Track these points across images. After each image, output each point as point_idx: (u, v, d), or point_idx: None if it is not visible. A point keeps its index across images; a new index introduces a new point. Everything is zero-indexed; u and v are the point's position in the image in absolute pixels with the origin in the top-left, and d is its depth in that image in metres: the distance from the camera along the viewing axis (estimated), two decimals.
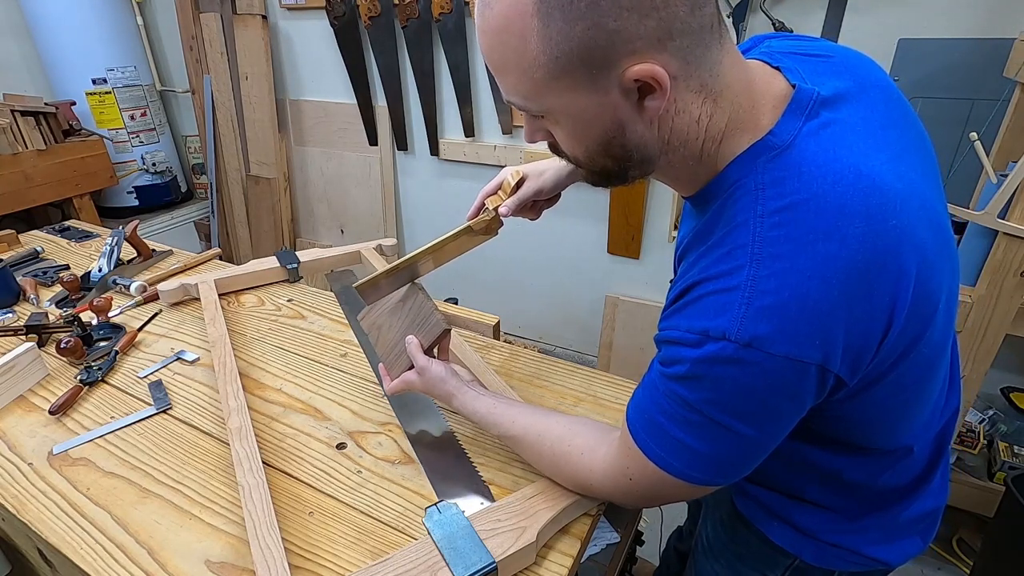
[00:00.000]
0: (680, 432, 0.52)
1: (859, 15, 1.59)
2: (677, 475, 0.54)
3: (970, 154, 1.32)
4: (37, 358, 1.00)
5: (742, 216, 0.49)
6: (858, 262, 0.45)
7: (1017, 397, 1.64)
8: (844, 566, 0.69)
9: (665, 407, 0.53)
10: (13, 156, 2.22)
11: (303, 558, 0.66)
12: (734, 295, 0.47)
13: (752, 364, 0.46)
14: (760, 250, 0.46)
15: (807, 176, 0.47)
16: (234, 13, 2.53)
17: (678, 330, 0.51)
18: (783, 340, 0.45)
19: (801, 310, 0.45)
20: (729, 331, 0.46)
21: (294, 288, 1.31)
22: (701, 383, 0.49)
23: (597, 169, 0.56)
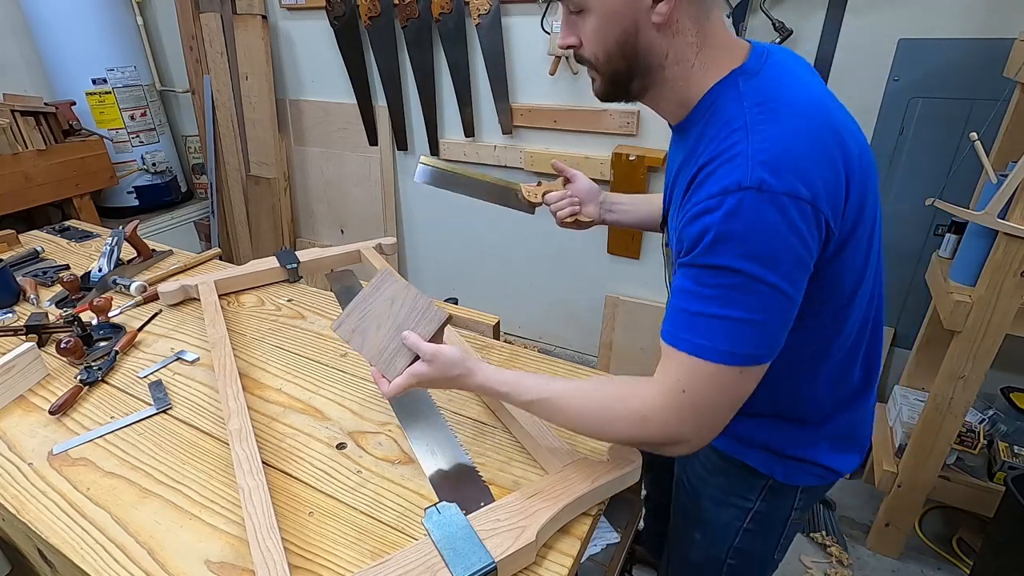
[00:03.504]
0: (718, 307, 0.59)
1: (859, 15, 1.59)
2: (725, 359, 0.60)
3: (970, 154, 1.32)
4: (37, 358, 1.00)
5: (731, 112, 0.63)
6: (820, 132, 0.61)
7: (1017, 397, 1.64)
8: (805, 480, 0.82)
9: (701, 292, 0.61)
10: (13, 156, 2.22)
11: (303, 558, 0.66)
12: (738, 159, 0.59)
13: (765, 205, 0.57)
14: (751, 128, 0.60)
15: (775, 90, 0.63)
16: (234, 13, 2.53)
17: (699, 203, 0.60)
18: (783, 181, 0.57)
19: (790, 160, 0.58)
20: (742, 181, 0.57)
21: (294, 288, 1.31)
22: (729, 240, 0.58)
23: (611, 72, 0.69)
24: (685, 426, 0.63)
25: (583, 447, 0.80)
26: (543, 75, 2.01)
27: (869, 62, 1.63)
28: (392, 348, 0.77)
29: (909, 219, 1.74)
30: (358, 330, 0.80)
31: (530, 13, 1.99)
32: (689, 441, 0.65)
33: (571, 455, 0.75)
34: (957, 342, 1.40)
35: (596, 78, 0.72)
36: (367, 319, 0.80)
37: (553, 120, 2.10)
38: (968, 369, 1.41)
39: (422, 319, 0.77)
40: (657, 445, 0.66)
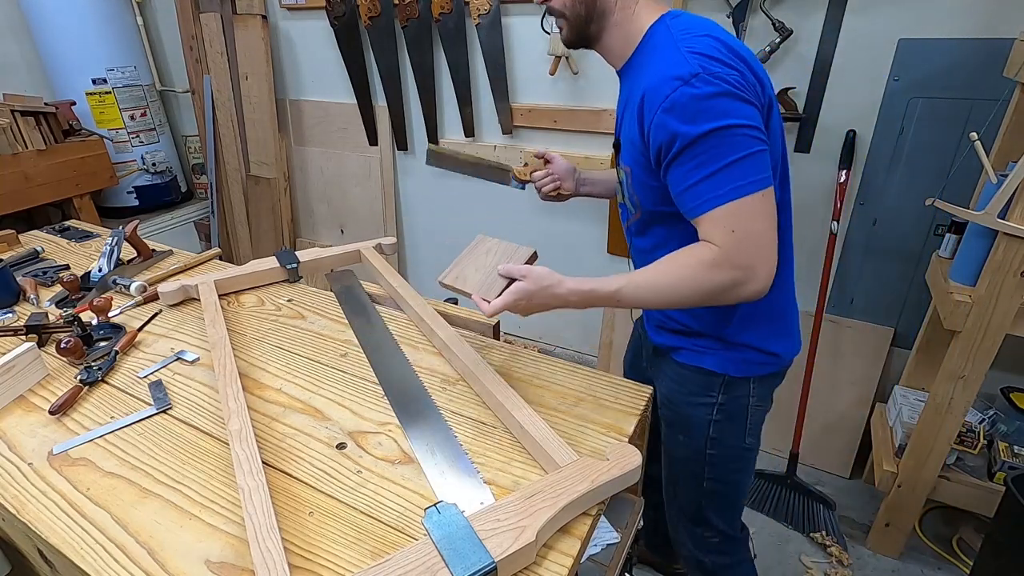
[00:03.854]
0: (718, 162, 0.74)
1: (859, 15, 1.59)
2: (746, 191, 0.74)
3: (970, 154, 1.32)
4: (37, 358, 1.00)
5: (663, 41, 0.81)
6: (733, 47, 0.79)
7: (1017, 397, 1.64)
8: (754, 371, 0.99)
9: (700, 161, 0.75)
10: (13, 156, 2.22)
11: (303, 558, 0.66)
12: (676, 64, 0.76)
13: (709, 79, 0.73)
14: (679, 44, 0.78)
15: (695, 25, 0.82)
16: (234, 13, 2.53)
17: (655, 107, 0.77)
18: (716, 62, 0.75)
19: (715, 53, 0.76)
20: (683, 74, 0.75)
21: (294, 288, 1.31)
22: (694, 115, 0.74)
23: (575, 17, 0.88)
24: (747, 256, 0.76)
25: (583, 447, 0.80)
26: (543, 75, 2.01)
27: (869, 62, 1.63)
28: (490, 280, 0.89)
29: (909, 219, 1.74)
30: (460, 276, 0.93)
31: (530, 13, 1.99)
32: (755, 269, 0.77)
33: (571, 455, 0.75)
34: (957, 342, 1.40)
35: (564, 27, 0.91)
36: (467, 268, 0.93)
37: (553, 120, 2.10)
38: (968, 369, 1.41)
39: (513, 257, 0.92)
40: (732, 286, 0.77)
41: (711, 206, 0.76)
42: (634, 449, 0.76)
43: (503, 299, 0.84)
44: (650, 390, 0.93)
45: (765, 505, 1.90)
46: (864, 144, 1.72)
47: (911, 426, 1.59)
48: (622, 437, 0.83)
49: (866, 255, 1.85)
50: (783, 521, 1.86)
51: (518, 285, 0.84)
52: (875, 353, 1.93)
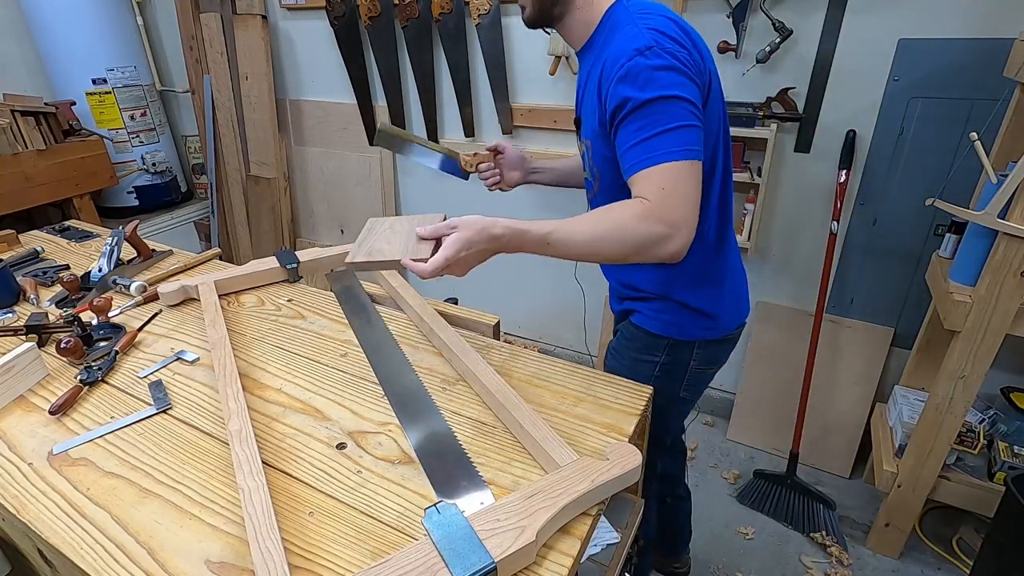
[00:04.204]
0: (660, 127, 0.80)
1: (859, 15, 1.59)
2: (681, 156, 0.80)
3: (970, 154, 1.32)
4: (37, 358, 1.00)
5: (622, 20, 0.87)
6: (685, 29, 0.87)
7: (1017, 397, 1.64)
8: (700, 335, 1.08)
9: (644, 124, 0.81)
10: (13, 156, 2.22)
11: (303, 558, 0.66)
12: (633, 37, 0.83)
13: (661, 53, 0.81)
14: (637, 22, 0.85)
15: (649, 6, 0.88)
16: (234, 13, 2.53)
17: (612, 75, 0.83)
18: (668, 39, 0.82)
19: (669, 32, 0.83)
20: (639, 46, 0.81)
21: (294, 288, 1.30)
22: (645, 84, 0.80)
23: (539, 2, 0.93)
24: (674, 213, 0.80)
25: (583, 447, 0.80)
26: (543, 75, 2.02)
27: (869, 62, 1.63)
28: (413, 243, 0.84)
29: (909, 219, 1.74)
30: (374, 250, 0.86)
31: None
32: (679, 227, 0.81)
33: (571, 455, 0.75)
34: (957, 342, 1.40)
35: (526, 5, 0.95)
36: (376, 242, 0.88)
37: (553, 120, 2.10)
38: (968, 369, 1.41)
39: (426, 221, 0.87)
40: (656, 240, 0.81)
41: (648, 164, 0.81)
42: (634, 449, 0.76)
43: (442, 252, 0.79)
44: (650, 390, 0.93)
45: (765, 505, 1.90)
46: (864, 144, 1.72)
47: (911, 426, 1.59)
48: (622, 437, 0.83)
49: (866, 255, 1.85)
50: (783, 521, 1.86)
51: (454, 235, 0.80)
52: (875, 353, 1.93)
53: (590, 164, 1.01)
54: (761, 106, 1.76)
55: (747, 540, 1.80)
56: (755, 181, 1.80)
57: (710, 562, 1.73)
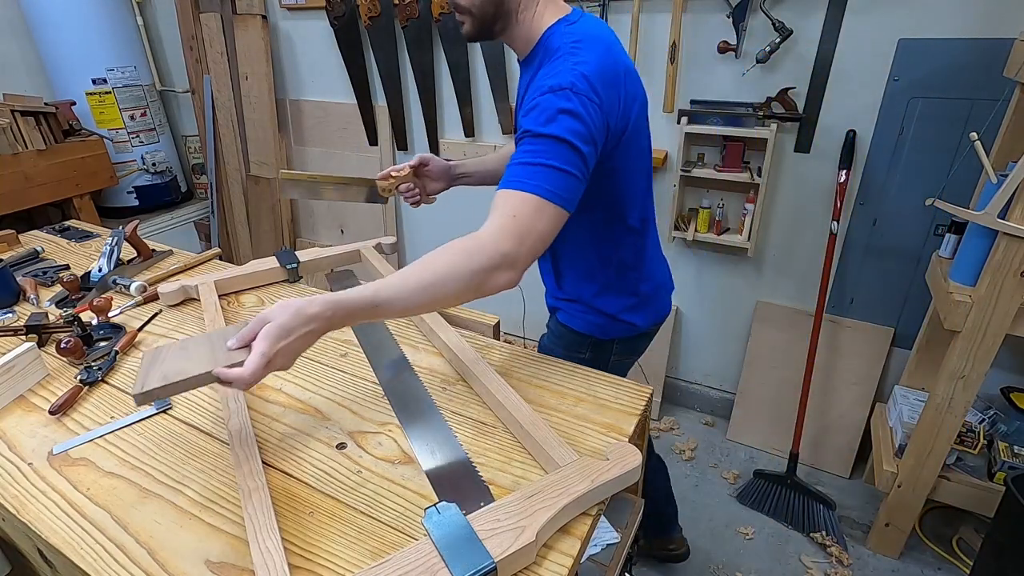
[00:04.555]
0: (543, 159, 0.80)
1: (859, 15, 1.59)
2: (547, 196, 0.80)
3: (970, 154, 1.32)
4: (37, 358, 1.00)
5: (558, 45, 0.89)
6: (611, 64, 0.88)
7: (1017, 397, 1.64)
8: (617, 334, 1.16)
9: (532, 151, 0.81)
10: (13, 156, 2.22)
11: (303, 558, 0.66)
12: (559, 73, 0.84)
13: (573, 97, 0.82)
14: (566, 56, 0.86)
15: (587, 32, 0.90)
16: (234, 13, 2.53)
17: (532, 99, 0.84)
18: (584, 86, 0.83)
19: (590, 76, 0.84)
20: (555, 85, 0.83)
21: (294, 288, 1.30)
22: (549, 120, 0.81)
23: (481, 16, 0.93)
24: (512, 244, 0.78)
25: (583, 447, 0.80)
26: None
27: (869, 62, 1.63)
28: (222, 353, 0.71)
29: (909, 219, 1.74)
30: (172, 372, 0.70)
31: None
32: (516, 260, 0.79)
33: (571, 455, 0.75)
34: (957, 342, 1.40)
35: (466, 21, 0.95)
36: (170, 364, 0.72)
37: None
38: (968, 369, 1.41)
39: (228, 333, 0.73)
40: (490, 271, 0.77)
41: (515, 186, 0.80)
42: (634, 449, 0.76)
43: (258, 347, 0.68)
44: (650, 390, 0.93)
45: (765, 505, 1.90)
46: (864, 144, 1.72)
47: (911, 426, 1.59)
48: (622, 437, 0.83)
49: (866, 255, 1.85)
50: (783, 521, 1.86)
51: (268, 327, 0.69)
52: (875, 353, 1.93)
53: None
54: (761, 106, 1.76)
55: (747, 540, 1.80)
56: (755, 181, 1.80)
57: (710, 562, 1.73)
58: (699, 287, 2.17)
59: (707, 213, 1.96)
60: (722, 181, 1.87)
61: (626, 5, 1.83)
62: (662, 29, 1.81)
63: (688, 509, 1.92)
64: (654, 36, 1.84)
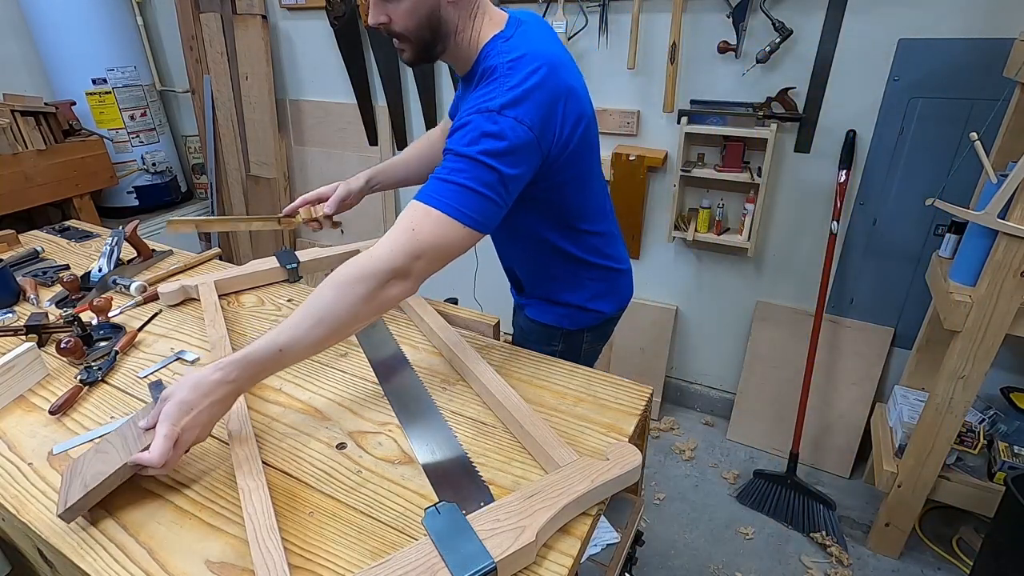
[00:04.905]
0: (461, 179, 0.80)
1: (859, 15, 1.59)
2: (463, 220, 0.80)
3: (970, 154, 1.32)
4: (37, 358, 1.00)
5: (494, 64, 0.86)
6: (549, 81, 0.85)
7: (1017, 397, 1.64)
8: (586, 322, 1.18)
9: (451, 169, 0.81)
10: (13, 156, 2.22)
11: (303, 558, 0.66)
12: (492, 94, 0.83)
13: (501, 121, 0.81)
14: (502, 78, 0.84)
15: (526, 49, 0.87)
16: (234, 13, 2.53)
17: (463, 116, 0.83)
18: (514, 112, 0.82)
19: (522, 102, 0.82)
20: (489, 106, 0.82)
21: (294, 288, 1.31)
22: (475, 140, 0.81)
23: (419, 41, 0.90)
24: (408, 258, 0.79)
25: (583, 447, 0.80)
26: None
27: (869, 62, 1.63)
28: (134, 438, 0.71)
29: (909, 219, 1.74)
30: (88, 479, 0.70)
31: None
32: (409, 274, 0.80)
33: (571, 455, 0.75)
34: (957, 342, 1.40)
35: (406, 48, 0.92)
36: (88, 470, 0.71)
37: None
38: (968, 369, 1.41)
39: (146, 413, 0.73)
40: (381, 287, 0.78)
41: (426, 200, 0.81)
42: (634, 449, 0.76)
43: (160, 432, 0.68)
44: (650, 389, 0.93)
45: (765, 505, 1.90)
46: (864, 144, 1.73)
47: (911, 426, 1.59)
48: (622, 437, 0.83)
49: (866, 255, 1.85)
50: (783, 521, 1.86)
51: (166, 408, 0.70)
52: (875, 353, 1.93)
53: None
54: (761, 106, 1.76)
55: (747, 540, 1.80)
56: (755, 181, 1.80)
57: (710, 562, 1.73)
58: (699, 287, 2.17)
59: (707, 213, 1.96)
60: (722, 181, 1.87)
61: (626, 5, 1.83)
62: (662, 29, 1.81)
63: (688, 509, 1.92)
64: (654, 36, 1.84)
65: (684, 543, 1.80)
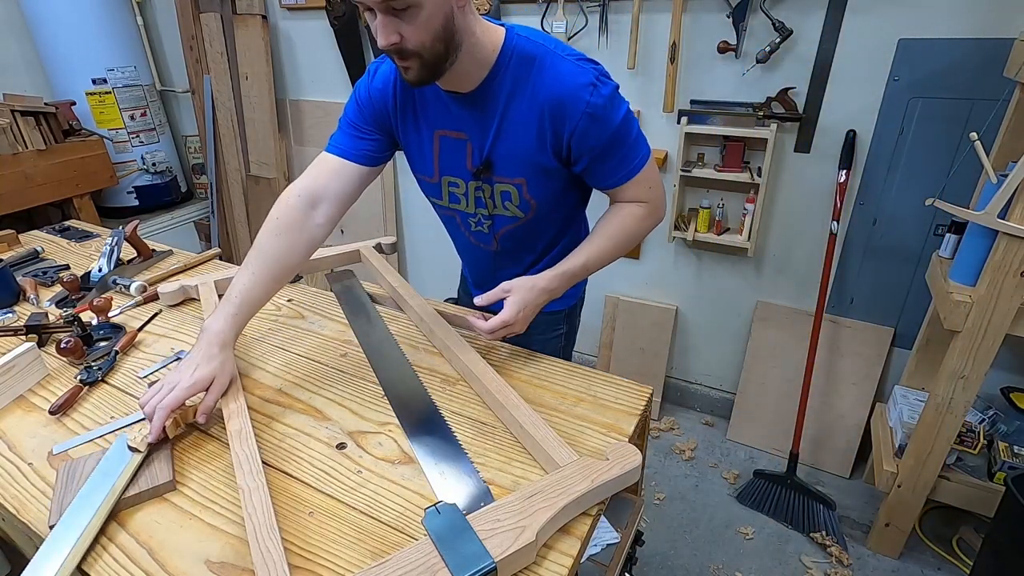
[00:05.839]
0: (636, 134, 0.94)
1: (859, 15, 1.59)
2: (649, 154, 0.96)
3: (970, 154, 1.32)
4: (37, 358, 1.00)
5: (532, 51, 0.87)
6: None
7: (1017, 397, 1.64)
8: (579, 292, 1.26)
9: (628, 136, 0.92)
10: (13, 156, 2.22)
11: (303, 558, 0.66)
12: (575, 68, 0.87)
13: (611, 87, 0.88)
14: (555, 51, 0.88)
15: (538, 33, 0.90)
16: (234, 13, 2.53)
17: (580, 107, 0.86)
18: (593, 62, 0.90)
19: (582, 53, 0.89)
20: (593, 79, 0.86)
21: (294, 288, 1.30)
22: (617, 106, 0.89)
23: (433, 56, 0.80)
24: (661, 201, 1.02)
25: (583, 447, 0.80)
26: None
27: (869, 62, 1.63)
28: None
29: (909, 219, 1.74)
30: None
31: (530, 13, 1.99)
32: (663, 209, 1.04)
33: (571, 455, 0.75)
34: (957, 342, 1.40)
35: (414, 67, 0.81)
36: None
37: None
38: (968, 369, 1.41)
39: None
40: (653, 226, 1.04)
41: (636, 171, 0.95)
42: (634, 449, 0.76)
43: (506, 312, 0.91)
44: (650, 389, 0.93)
45: (765, 505, 1.90)
46: (864, 144, 1.72)
47: (911, 426, 1.59)
48: (622, 437, 0.83)
49: (866, 255, 1.85)
50: (783, 521, 1.86)
51: (511, 299, 0.92)
52: (875, 353, 1.93)
53: (523, 199, 0.98)
54: (761, 106, 1.76)
55: (747, 540, 1.80)
56: (755, 181, 1.80)
57: (710, 562, 1.73)
58: (699, 287, 2.17)
59: (707, 213, 1.96)
60: (722, 181, 1.87)
61: (626, 5, 1.83)
62: (662, 29, 1.81)
63: (688, 509, 1.92)
64: (654, 36, 1.84)
65: (684, 543, 1.80)
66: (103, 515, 0.70)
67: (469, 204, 1.04)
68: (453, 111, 0.94)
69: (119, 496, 0.72)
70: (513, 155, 0.93)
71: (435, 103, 0.95)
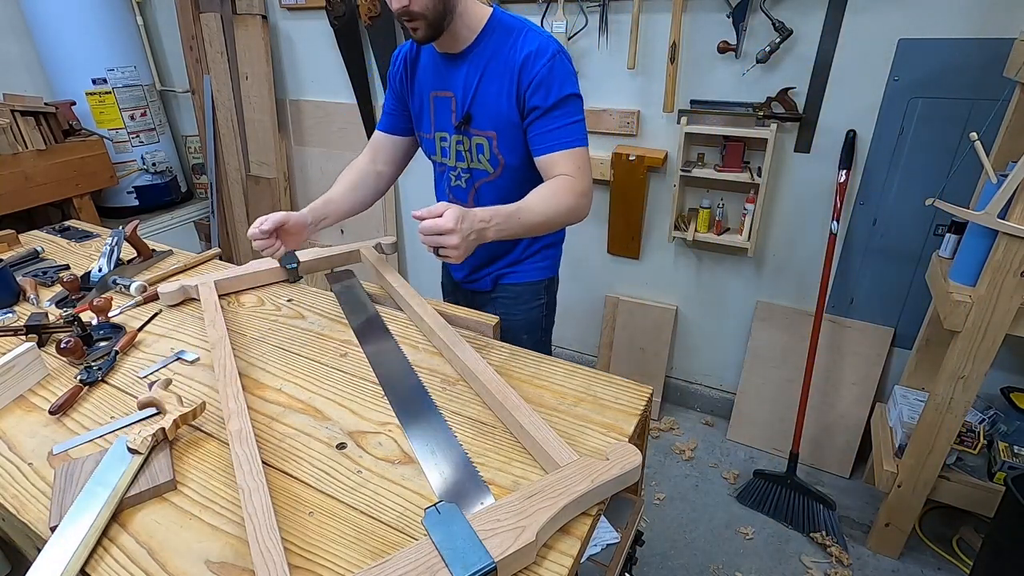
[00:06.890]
0: (578, 117, 1.08)
1: (859, 15, 1.59)
2: (586, 144, 1.09)
3: (970, 154, 1.32)
4: (37, 358, 1.00)
5: (513, 25, 1.08)
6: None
7: (1017, 397, 1.64)
8: (559, 257, 1.37)
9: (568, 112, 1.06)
10: (13, 156, 2.22)
11: (303, 558, 0.66)
12: (540, 39, 1.05)
13: (563, 56, 1.05)
14: (531, 27, 1.07)
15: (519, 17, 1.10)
16: (234, 13, 2.53)
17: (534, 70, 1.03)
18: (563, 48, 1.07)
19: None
20: (550, 47, 1.04)
21: (294, 288, 1.31)
22: (566, 78, 1.05)
23: (435, 16, 1.00)
24: (588, 187, 1.09)
25: (583, 447, 0.80)
26: None
27: (869, 62, 1.63)
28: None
29: (909, 219, 1.74)
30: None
31: (530, 13, 1.99)
32: (590, 197, 1.11)
33: (571, 455, 0.75)
34: (957, 342, 1.40)
35: (421, 27, 1.01)
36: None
37: None
38: (968, 369, 1.41)
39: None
40: (582, 208, 1.09)
41: (571, 146, 1.06)
42: (634, 449, 0.76)
43: (444, 218, 0.90)
44: (650, 389, 0.93)
45: (765, 505, 1.90)
46: (864, 144, 1.72)
47: (911, 426, 1.59)
48: (622, 437, 0.83)
49: (866, 255, 1.85)
50: (783, 521, 1.86)
51: (450, 211, 0.91)
52: (875, 353, 1.93)
53: (492, 153, 1.14)
54: (761, 106, 1.76)
55: (747, 540, 1.81)
56: (755, 181, 1.80)
57: (710, 562, 1.73)
58: (699, 287, 2.17)
59: (707, 213, 1.96)
60: (722, 181, 1.87)
61: (626, 5, 1.83)
62: (662, 29, 1.81)
63: (688, 509, 1.92)
64: (654, 36, 1.84)
65: (684, 543, 1.80)
66: (105, 518, 0.70)
67: (451, 157, 1.21)
68: (443, 72, 1.14)
69: (120, 498, 0.72)
70: (488, 108, 1.10)
71: (431, 69, 1.16)
